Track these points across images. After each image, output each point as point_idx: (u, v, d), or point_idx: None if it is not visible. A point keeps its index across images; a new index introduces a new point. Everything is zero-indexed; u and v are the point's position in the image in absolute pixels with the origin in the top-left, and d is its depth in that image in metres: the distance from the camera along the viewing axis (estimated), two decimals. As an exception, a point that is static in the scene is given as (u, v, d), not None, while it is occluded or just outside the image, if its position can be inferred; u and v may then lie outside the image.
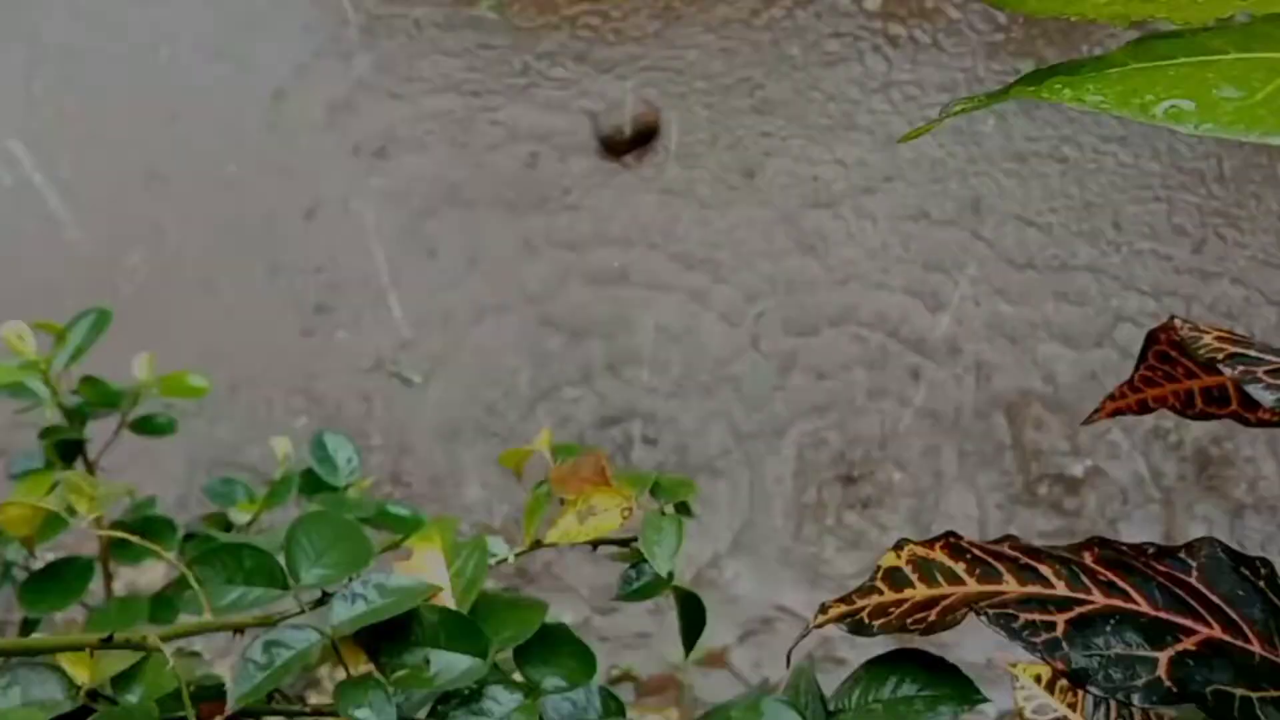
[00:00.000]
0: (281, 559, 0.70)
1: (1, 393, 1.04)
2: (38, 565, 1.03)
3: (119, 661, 0.64)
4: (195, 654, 0.71)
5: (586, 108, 2.66)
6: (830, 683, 0.61)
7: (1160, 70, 0.40)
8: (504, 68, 2.74)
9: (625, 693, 1.88)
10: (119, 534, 0.72)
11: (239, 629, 0.67)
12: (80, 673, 0.64)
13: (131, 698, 0.64)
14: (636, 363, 2.30)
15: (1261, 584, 0.48)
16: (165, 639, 0.63)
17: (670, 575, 0.74)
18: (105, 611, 1.03)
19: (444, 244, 2.47)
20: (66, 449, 1.07)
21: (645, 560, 0.73)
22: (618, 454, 2.18)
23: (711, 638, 1.61)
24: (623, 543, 0.77)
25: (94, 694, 0.64)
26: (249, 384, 2.28)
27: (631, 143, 2.59)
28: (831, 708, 0.60)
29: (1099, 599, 0.49)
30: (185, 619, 0.70)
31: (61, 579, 0.99)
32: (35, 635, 1.01)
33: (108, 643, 0.62)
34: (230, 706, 0.61)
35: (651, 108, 2.64)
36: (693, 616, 0.80)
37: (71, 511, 0.70)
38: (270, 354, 2.33)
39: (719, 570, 2.04)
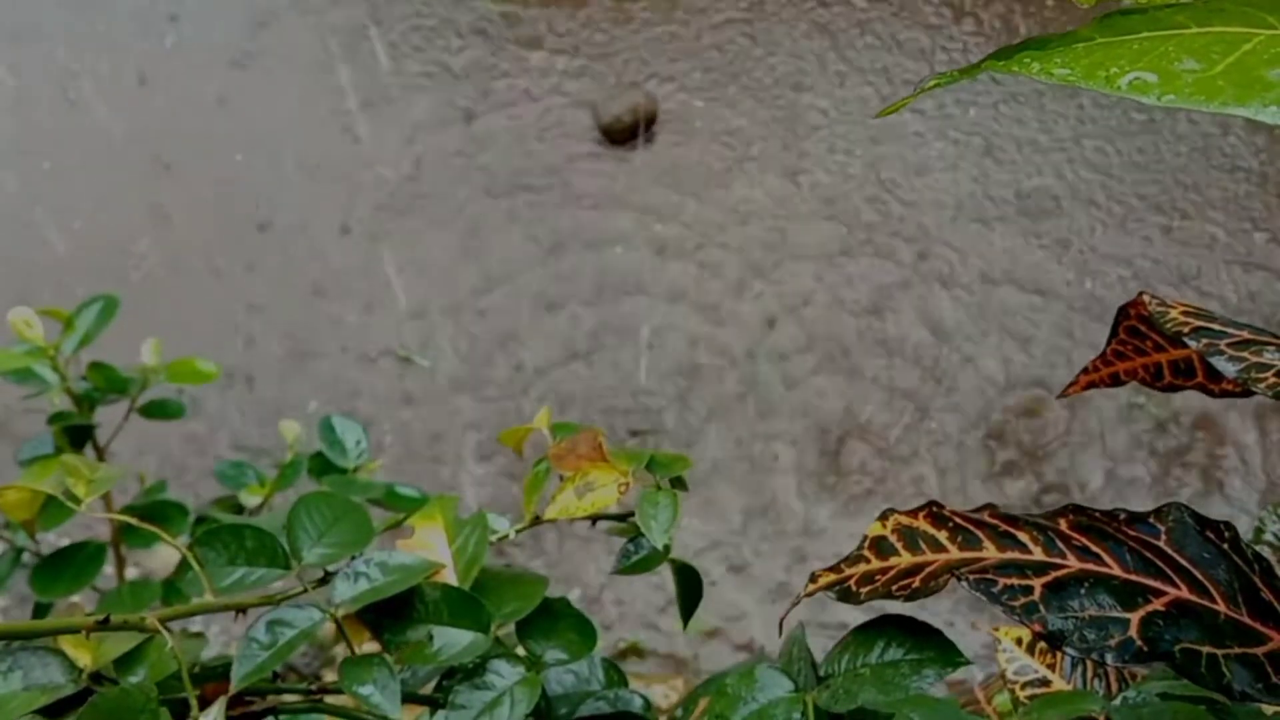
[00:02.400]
0: (284, 539, 0.70)
1: (10, 378, 1.05)
2: (51, 551, 1.04)
3: (121, 644, 0.64)
4: (199, 635, 0.71)
5: (586, 97, 2.67)
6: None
7: (1125, 44, 0.40)
8: (505, 56, 2.74)
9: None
10: (127, 518, 0.73)
11: (241, 609, 0.68)
12: (82, 656, 0.64)
13: (133, 680, 0.65)
14: (636, 347, 2.30)
15: (1225, 546, 0.49)
16: (165, 620, 0.63)
17: (667, 548, 0.74)
18: (116, 596, 1.04)
19: (447, 230, 2.48)
20: (75, 434, 1.07)
21: (643, 534, 0.74)
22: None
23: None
24: (620, 518, 0.78)
25: (96, 677, 0.64)
26: (258, 369, 2.30)
27: (631, 130, 2.60)
28: (822, 673, 0.61)
29: (1073, 563, 0.50)
30: (195, 601, 0.70)
31: (72, 564, 1.00)
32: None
33: (104, 625, 0.62)
34: (234, 686, 0.61)
35: (650, 96, 2.64)
36: (690, 588, 0.81)
37: (72, 496, 0.70)
38: (279, 339, 2.34)
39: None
